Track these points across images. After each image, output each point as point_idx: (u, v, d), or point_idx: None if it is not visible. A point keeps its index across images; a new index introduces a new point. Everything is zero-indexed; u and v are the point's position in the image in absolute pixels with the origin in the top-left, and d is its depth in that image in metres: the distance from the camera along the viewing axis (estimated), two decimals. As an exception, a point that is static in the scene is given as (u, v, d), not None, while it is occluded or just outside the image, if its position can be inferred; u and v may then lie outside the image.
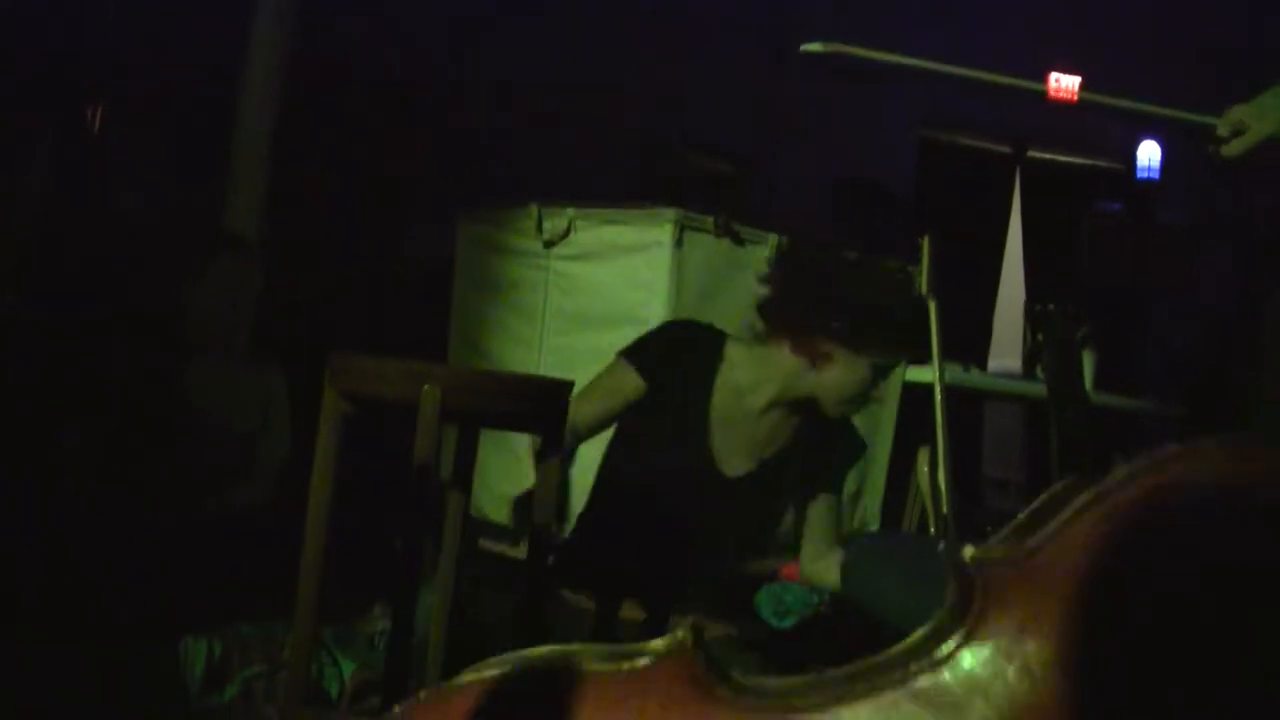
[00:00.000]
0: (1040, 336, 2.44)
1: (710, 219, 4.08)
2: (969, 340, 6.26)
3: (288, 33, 4.70)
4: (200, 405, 3.47)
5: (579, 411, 2.51)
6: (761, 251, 4.10)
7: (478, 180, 5.36)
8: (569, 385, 2.10)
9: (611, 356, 2.78)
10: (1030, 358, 2.48)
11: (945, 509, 2.85)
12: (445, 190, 5.39)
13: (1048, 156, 7.78)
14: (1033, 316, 2.38)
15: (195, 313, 3.53)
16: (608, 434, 2.80)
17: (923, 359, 2.96)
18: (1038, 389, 5.28)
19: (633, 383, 2.73)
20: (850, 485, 4.39)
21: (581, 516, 2.82)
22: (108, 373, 3.43)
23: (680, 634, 1.07)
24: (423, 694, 1.11)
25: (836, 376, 2.70)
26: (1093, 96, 3.23)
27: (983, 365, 6.26)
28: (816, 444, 2.83)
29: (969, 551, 1.07)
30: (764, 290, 2.80)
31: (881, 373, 2.74)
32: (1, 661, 2.20)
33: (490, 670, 1.07)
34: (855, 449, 2.97)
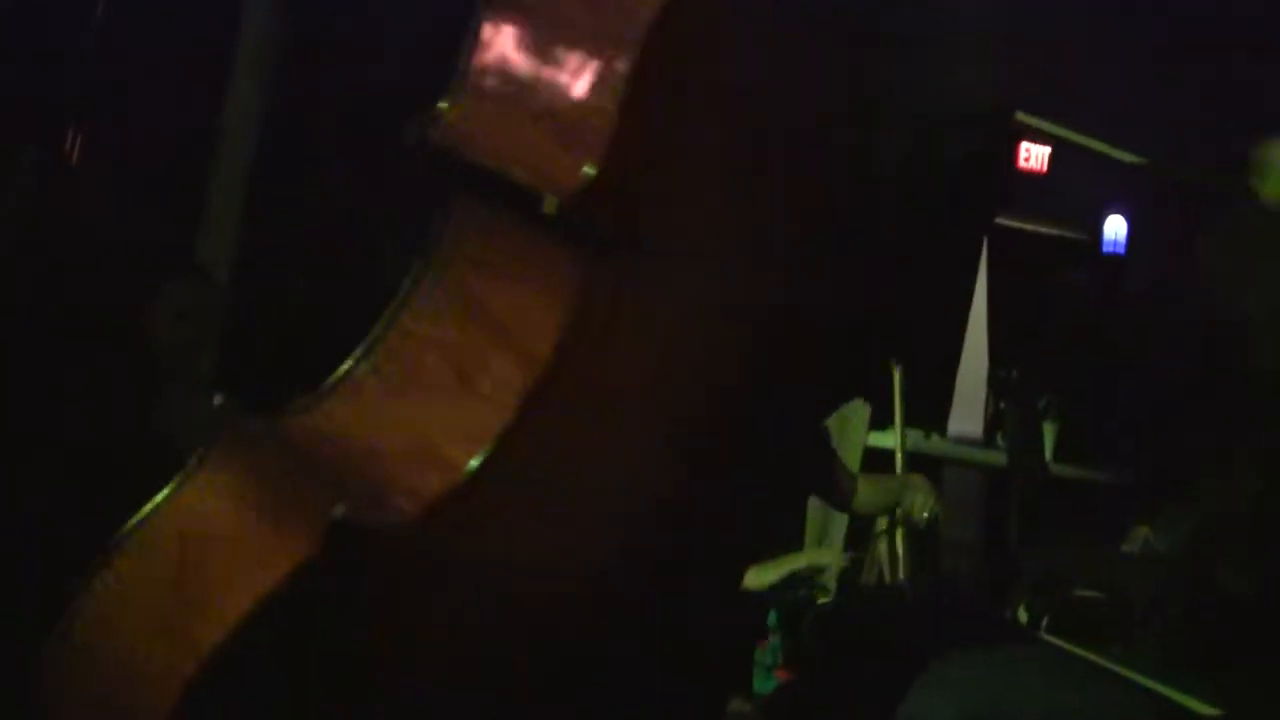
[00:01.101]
0: (1002, 404, 2.48)
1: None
2: (929, 405, 6.29)
3: (272, 60, 4.73)
4: (161, 434, 3.46)
5: None
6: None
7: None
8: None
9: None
10: (991, 424, 2.50)
11: (901, 573, 2.86)
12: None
13: (1015, 225, 7.85)
14: (995, 383, 2.40)
15: (155, 341, 3.52)
16: None
17: (884, 423, 2.98)
18: (997, 456, 5.32)
19: None
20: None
21: None
22: (68, 399, 3.42)
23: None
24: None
25: None
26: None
27: (943, 431, 6.28)
28: None
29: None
30: None
31: None
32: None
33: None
34: None
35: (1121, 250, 8.00)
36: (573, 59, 1.27)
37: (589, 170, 1.24)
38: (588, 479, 1.35)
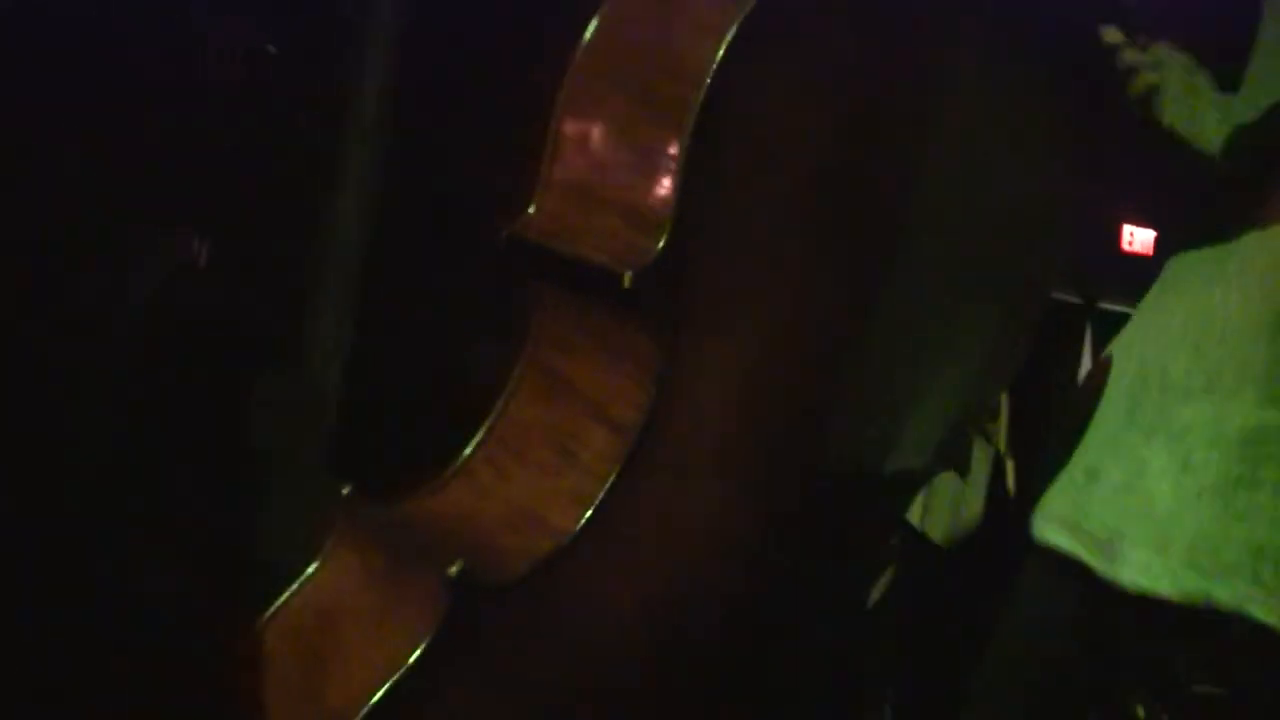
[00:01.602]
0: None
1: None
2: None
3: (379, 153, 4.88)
4: (278, 525, 3.58)
5: None
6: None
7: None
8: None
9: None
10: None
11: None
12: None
13: (1119, 308, 7.81)
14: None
15: (257, 438, 3.65)
16: None
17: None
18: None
19: None
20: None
21: None
22: (181, 498, 3.57)
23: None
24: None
25: None
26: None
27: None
28: None
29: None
30: None
31: None
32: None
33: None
34: None
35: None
36: (633, 150, 1.41)
37: (659, 244, 1.38)
38: (679, 532, 1.48)
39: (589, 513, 1.41)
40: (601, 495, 1.41)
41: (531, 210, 1.45)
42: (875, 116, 1.54)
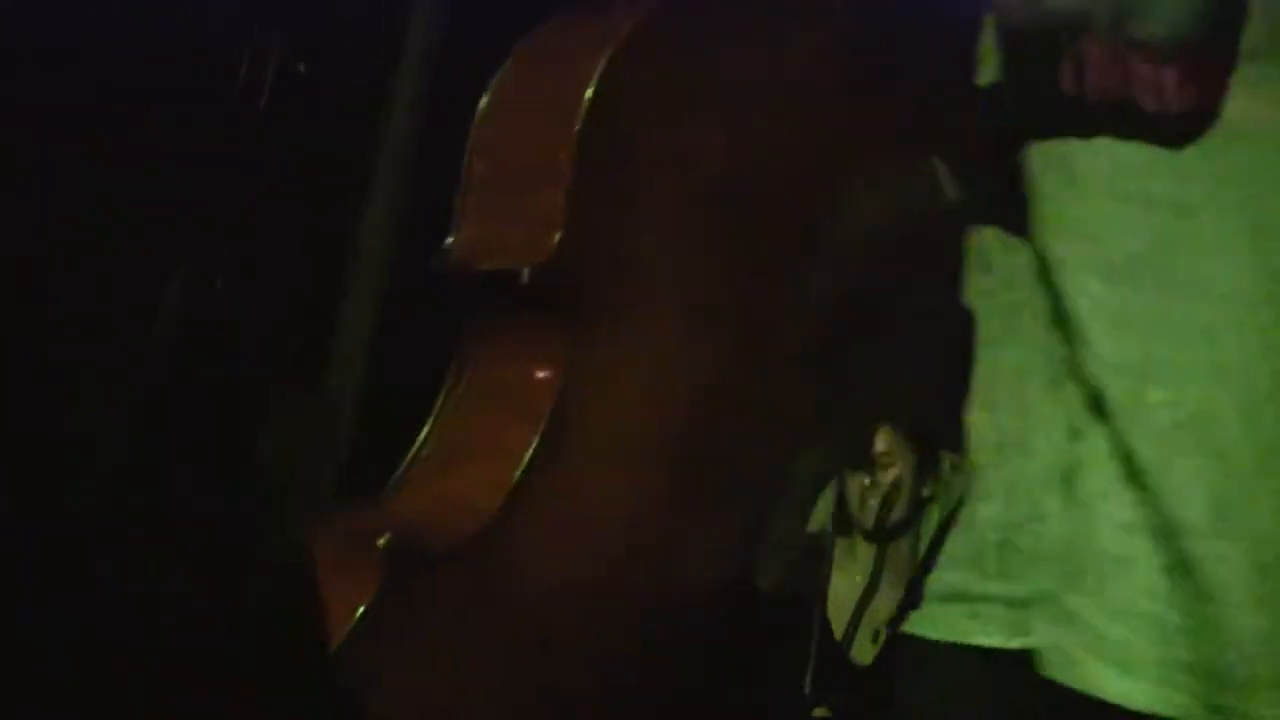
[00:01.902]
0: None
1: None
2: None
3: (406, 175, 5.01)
4: (284, 544, 3.72)
5: None
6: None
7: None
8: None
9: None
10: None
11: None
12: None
13: None
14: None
15: (269, 463, 3.79)
16: None
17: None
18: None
19: None
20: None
21: None
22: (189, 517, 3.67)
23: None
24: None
25: None
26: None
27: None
28: None
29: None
30: None
31: None
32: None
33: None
34: None
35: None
36: (530, 164, 1.59)
37: (554, 238, 1.56)
38: (601, 512, 1.64)
39: (508, 493, 1.58)
40: (518, 478, 1.58)
41: (450, 241, 1.63)
42: (768, 137, 1.69)
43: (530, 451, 1.59)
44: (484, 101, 1.68)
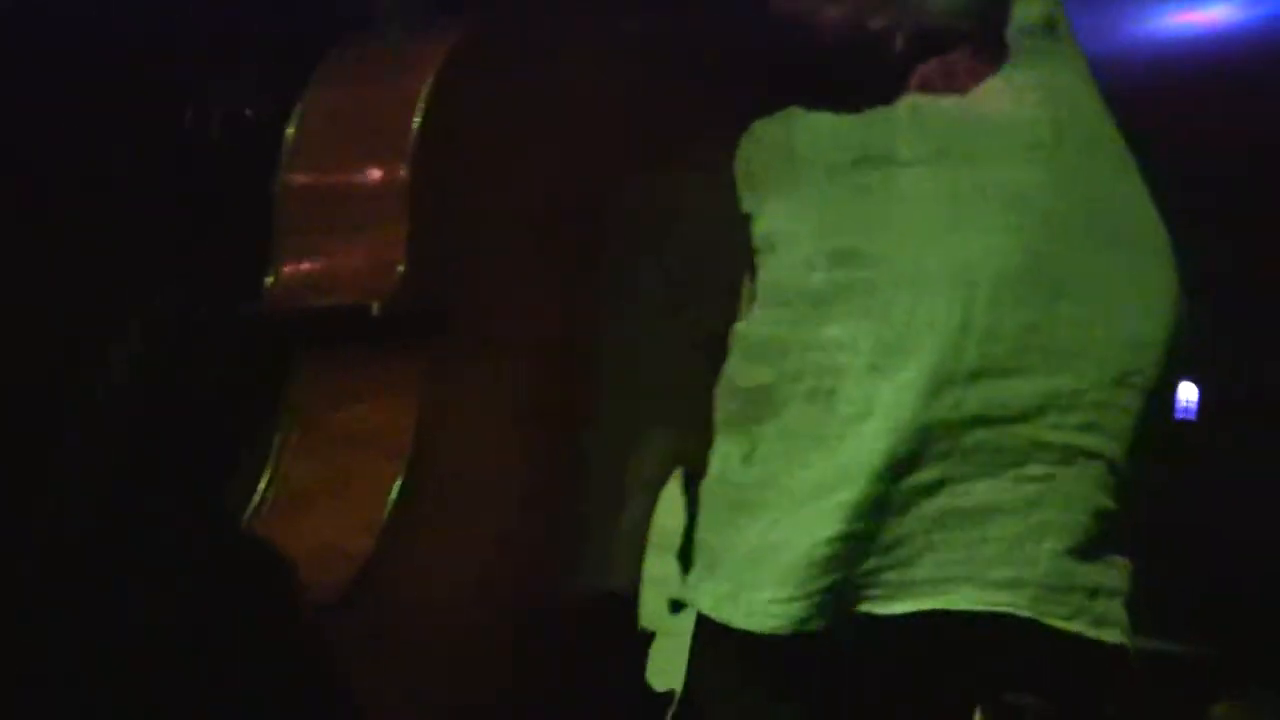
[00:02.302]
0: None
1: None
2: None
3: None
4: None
5: None
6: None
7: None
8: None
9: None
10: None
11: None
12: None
13: None
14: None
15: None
16: None
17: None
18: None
19: None
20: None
21: None
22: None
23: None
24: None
25: None
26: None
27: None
28: None
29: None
30: None
31: None
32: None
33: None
34: None
35: (1193, 417, 7.95)
36: (359, 199, 1.61)
37: (399, 271, 1.56)
38: (474, 531, 1.63)
39: (381, 533, 1.56)
40: (385, 519, 1.56)
41: (270, 281, 1.62)
42: (590, 149, 1.74)
43: (397, 487, 1.57)
44: (291, 138, 1.66)
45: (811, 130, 1.73)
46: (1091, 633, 1.60)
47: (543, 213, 1.70)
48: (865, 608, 1.56)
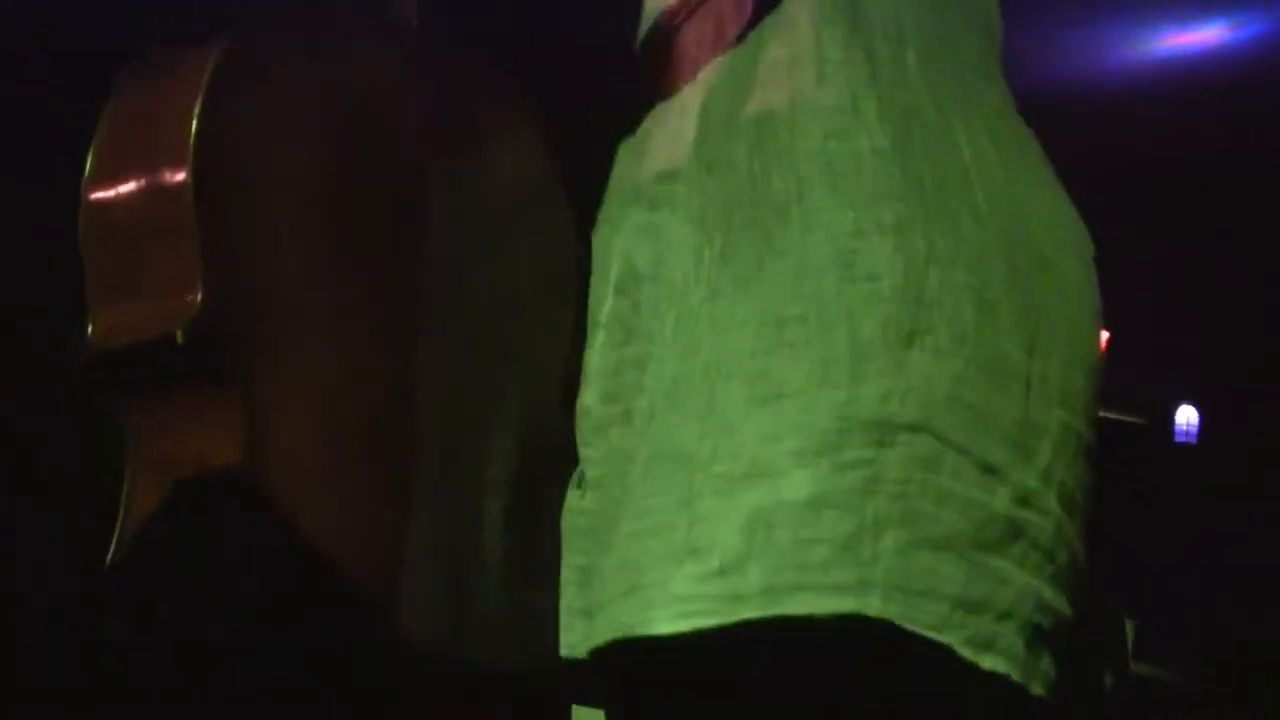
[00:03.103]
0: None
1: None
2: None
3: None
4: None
5: None
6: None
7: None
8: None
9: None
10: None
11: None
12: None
13: None
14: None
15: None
16: None
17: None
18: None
19: None
20: None
21: None
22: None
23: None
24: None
25: None
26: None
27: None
28: None
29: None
30: None
31: None
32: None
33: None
34: None
35: (1194, 440, 7.91)
36: (147, 226, 1.55)
37: (198, 295, 1.51)
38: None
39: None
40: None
41: (90, 332, 1.57)
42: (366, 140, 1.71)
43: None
44: (87, 175, 1.60)
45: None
46: (967, 652, 1.38)
47: (326, 210, 1.66)
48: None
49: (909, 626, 1.37)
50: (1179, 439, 7.77)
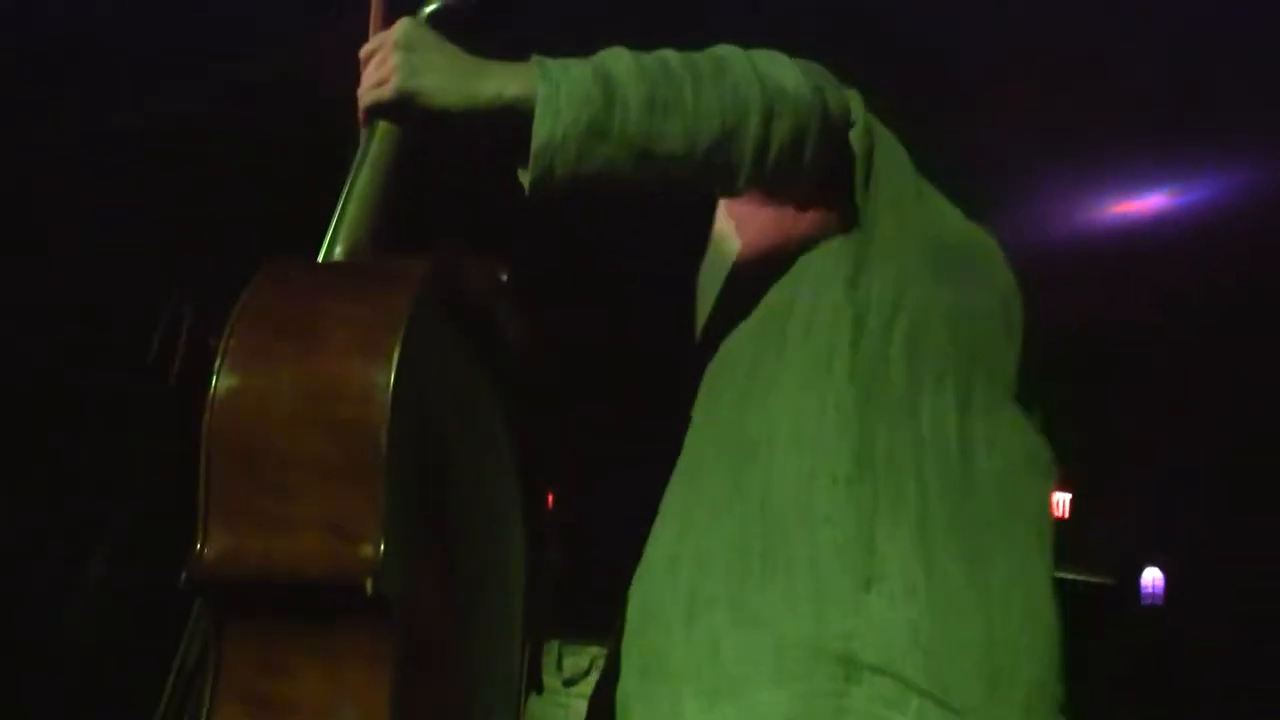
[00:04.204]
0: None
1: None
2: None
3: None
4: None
5: None
6: None
7: None
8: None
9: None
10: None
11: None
12: None
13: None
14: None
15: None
16: None
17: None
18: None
19: None
20: None
21: None
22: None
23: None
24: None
25: None
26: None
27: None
28: None
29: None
30: None
31: None
32: None
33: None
34: None
35: (1160, 602, 7.93)
36: (316, 461, 1.44)
37: (379, 550, 1.42)
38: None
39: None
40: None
41: (204, 551, 1.45)
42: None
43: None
44: (229, 385, 1.47)
45: None
46: None
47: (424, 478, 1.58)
48: None
49: None
50: (1146, 602, 7.80)
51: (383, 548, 1.41)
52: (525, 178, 1.54)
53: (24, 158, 4.59)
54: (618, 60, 1.55)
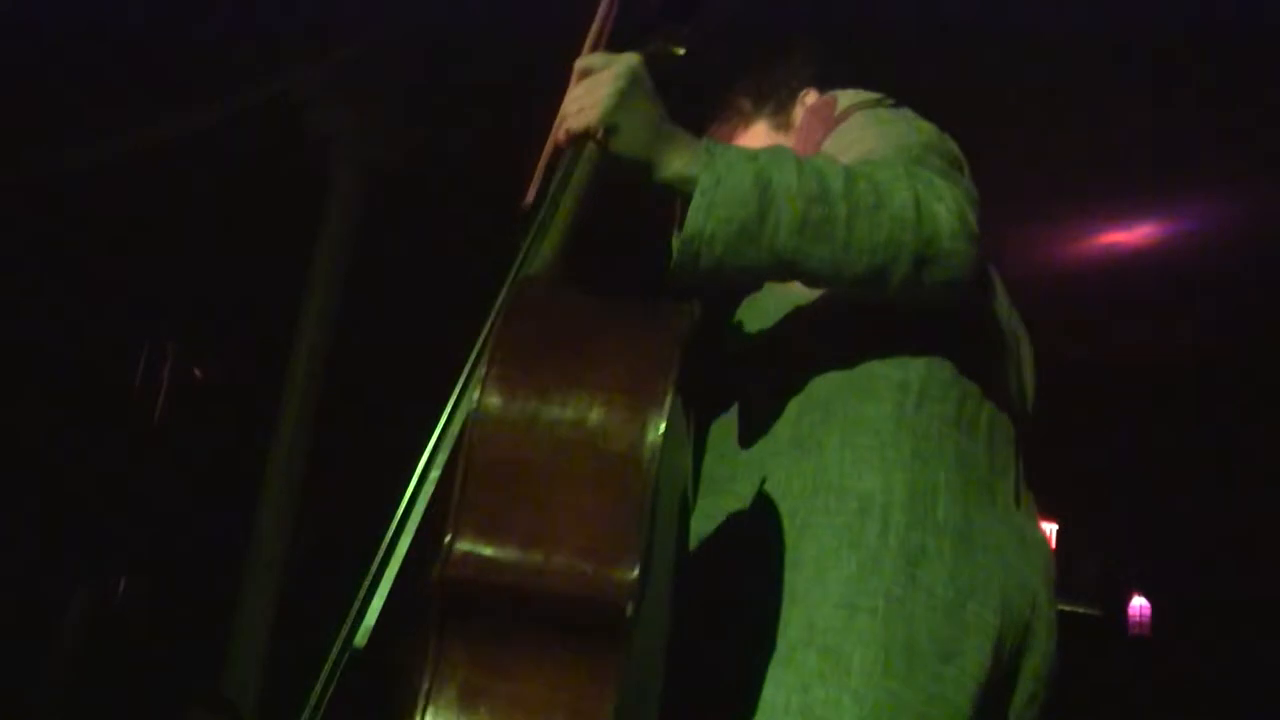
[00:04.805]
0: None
1: None
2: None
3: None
4: None
5: None
6: None
7: None
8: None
9: None
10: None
11: None
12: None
13: None
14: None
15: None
16: None
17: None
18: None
19: None
20: None
21: None
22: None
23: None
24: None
25: None
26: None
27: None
28: None
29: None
30: None
31: None
32: None
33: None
34: None
35: (1146, 633, 7.96)
36: (586, 477, 1.48)
37: (634, 574, 1.44)
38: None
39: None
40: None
41: (447, 564, 1.46)
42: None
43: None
44: (494, 402, 1.50)
45: None
46: None
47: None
48: None
49: None
50: (1133, 632, 7.80)
51: (636, 572, 1.44)
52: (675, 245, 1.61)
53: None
54: (782, 167, 1.61)
